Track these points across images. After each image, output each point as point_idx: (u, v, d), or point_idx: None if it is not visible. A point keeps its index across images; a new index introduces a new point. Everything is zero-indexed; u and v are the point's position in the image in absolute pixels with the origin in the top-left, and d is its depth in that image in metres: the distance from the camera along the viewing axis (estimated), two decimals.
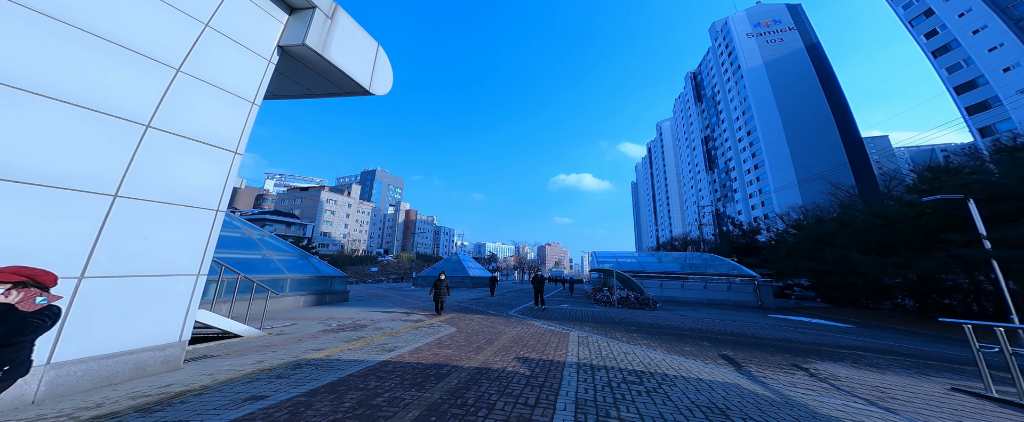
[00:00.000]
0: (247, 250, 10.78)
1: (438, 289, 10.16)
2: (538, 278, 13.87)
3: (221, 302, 8.62)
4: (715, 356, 6.50)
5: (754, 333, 9.61)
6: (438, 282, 10.25)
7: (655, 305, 15.69)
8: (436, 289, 10.17)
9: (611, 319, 11.30)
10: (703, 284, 21.91)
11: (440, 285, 10.21)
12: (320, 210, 70.16)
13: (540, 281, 13.74)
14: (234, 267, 9.59)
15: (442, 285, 10.24)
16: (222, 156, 4.98)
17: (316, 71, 6.58)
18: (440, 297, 10.17)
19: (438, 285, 10.20)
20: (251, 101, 5.47)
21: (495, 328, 8.59)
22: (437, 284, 10.20)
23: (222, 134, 5.02)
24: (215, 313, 5.84)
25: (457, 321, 9.46)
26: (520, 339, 7.33)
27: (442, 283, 10.27)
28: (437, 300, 10.19)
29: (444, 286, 10.26)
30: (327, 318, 9.07)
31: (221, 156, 4.97)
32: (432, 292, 10.24)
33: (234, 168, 5.13)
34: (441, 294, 10.16)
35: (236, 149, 5.18)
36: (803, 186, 52.16)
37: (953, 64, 31.03)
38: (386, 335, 7.07)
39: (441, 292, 10.16)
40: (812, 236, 17.25)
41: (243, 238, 11.06)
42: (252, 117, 5.50)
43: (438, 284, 10.21)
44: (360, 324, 8.32)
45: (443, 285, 10.26)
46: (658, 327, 9.92)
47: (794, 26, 63.19)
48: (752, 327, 10.92)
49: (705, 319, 12.63)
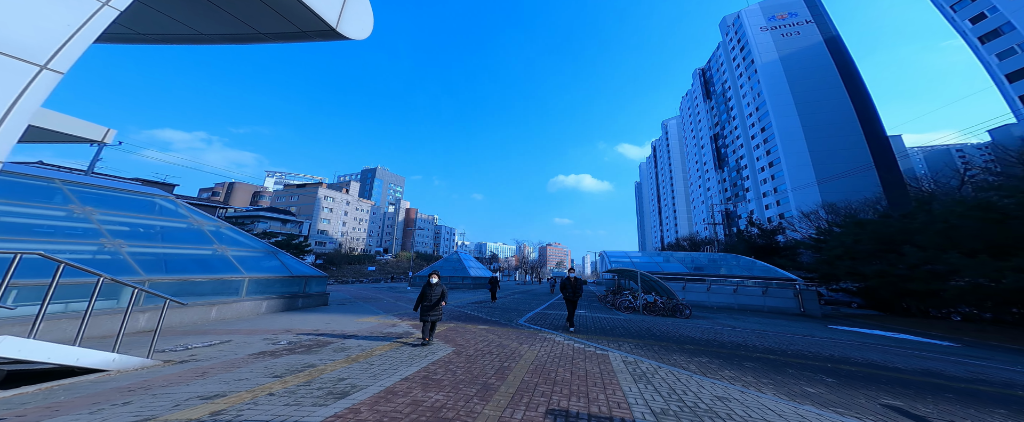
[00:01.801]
0: (193, 244, 8.57)
1: (427, 298, 6.16)
2: (573, 283, 8.76)
3: (140, 311, 6.38)
4: (873, 406, 4.16)
5: (867, 358, 7.22)
6: (428, 287, 6.29)
7: (688, 312, 13.36)
8: (424, 299, 6.18)
9: (648, 331, 8.99)
10: (734, 288, 19.52)
11: (430, 291, 6.24)
12: (317, 207, 68.15)
13: (576, 288, 8.71)
14: (174, 265, 7.36)
15: (434, 291, 6.26)
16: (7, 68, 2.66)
17: None
18: (431, 312, 6.13)
19: (428, 292, 6.24)
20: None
21: (505, 347, 6.30)
22: (426, 290, 6.28)
23: (16, 34, 2.71)
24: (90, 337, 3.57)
25: (454, 336, 7.18)
26: (544, 367, 5.05)
27: (434, 288, 6.28)
28: (424, 316, 6.15)
29: (437, 293, 6.26)
30: (282, 331, 6.79)
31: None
32: (417, 305, 6.21)
33: (36, 91, 2.78)
34: (432, 308, 6.14)
35: (45, 62, 2.84)
36: (823, 185, 49.56)
37: (1005, 49, 28.49)
38: (349, 361, 4.80)
39: (433, 303, 6.14)
40: (879, 235, 14.74)
41: (189, 229, 8.84)
42: (99, 22, 3.16)
43: (428, 290, 6.26)
44: (321, 341, 6.04)
45: (436, 291, 6.26)
46: (717, 345, 7.59)
47: (812, 19, 60.60)
48: (838, 345, 8.57)
49: (766, 333, 10.27)
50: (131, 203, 8.39)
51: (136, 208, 8.37)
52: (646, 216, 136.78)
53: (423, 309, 6.16)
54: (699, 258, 26.40)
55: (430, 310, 6.15)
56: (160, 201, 8.98)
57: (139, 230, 7.90)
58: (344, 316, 9.34)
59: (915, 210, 14.09)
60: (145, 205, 8.59)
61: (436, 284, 6.37)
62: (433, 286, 6.33)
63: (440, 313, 6.28)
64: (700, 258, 26.35)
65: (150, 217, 8.50)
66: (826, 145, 52.05)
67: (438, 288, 6.34)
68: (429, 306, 6.14)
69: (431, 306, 6.14)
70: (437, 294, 6.25)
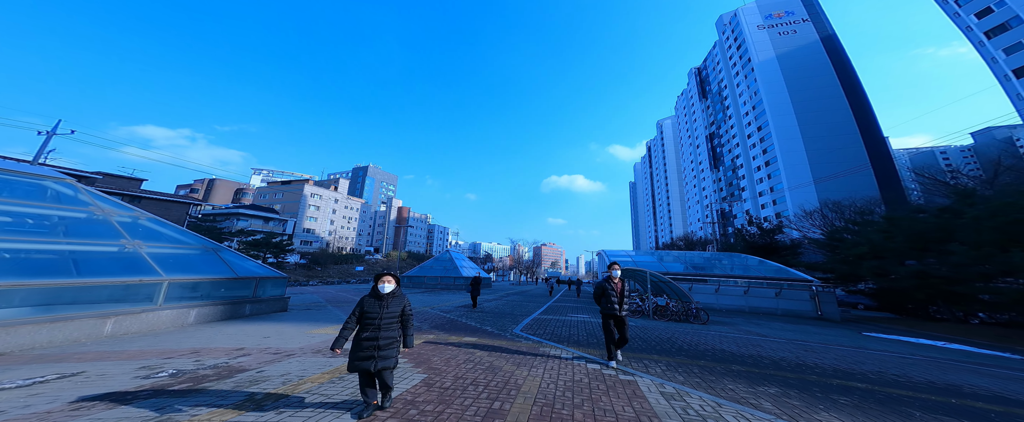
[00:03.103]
0: (94, 239, 6.69)
1: (370, 321, 3.02)
2: (612, 288, 5.23)
3: None
4: None
5: (971, 385, 5.67)
6: (371, 301, 3.11)
7: (705, 317, 11.82)
8: (363, 324, 3.06)
9: (672, 343, 7.37)
10: (744, 289, 18.11)
11: (378, 309, 3.06)
12: (303, 205, 65.46)
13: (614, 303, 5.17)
14: (53, 265, 5.49)
15: (385, 309, 3.07)
16: None
17: None
18: (375, 354, 2.94)
19: (370, 311, 3.06)
20: None
21: (497, 371, 4.60)
22: (368, 307, 3.08)
23: None
24: None
25: (430, 354, 5.44)
26: (554, 409, 3.38)
27: (386, 303, 3.10)
28: (359, 362, 2.92)
29: (393, 312, 3.11)
30: (186, 352, 4.97)
31: None
32: (346, 335, 3.05)
33: None
34: (377, 346, 2.96)
35: None
36: (819, 185, 48.97)
37: (1012, 44, 27.78)
38: (237, 412, 3.03)
39: (378, 334, 2.99)
40: (914, 232, 13.32)
41: (90, 220, 6.94)
42: None
43: (371, 307, 3.07)
44: (228, 370, 4.23)
45: (388, 309, 3.09)
46: (770, 364, 5.99)
47: (808, 17, 60.23)
48: (908, 363, 7.08)
49: (810, 345, 8.72)
50: (8, 186, 6.46)
51: (16, 193, 6.44)
52: (641, 216, 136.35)
53: (358, 347, 2.92)
54: (698, 257, 25.14)
55: (374, 350, 2.89)
56: (54, 185, 7.04)
57: (11, 221, 5.99)
58: (297, 326, 7.52)
59: (955, 205, 12.74)
60: (30, 190, 6.67)
61: (390, 295, 3.12)
62: (384, 299, 3.08)
63: (394, 356, 3.01)
64: (699, 257, 25.08)
65: (36, 205, 6.58)
66: (822, 144, 51.50)
67: (396, 303, 3.13)
68: (371, 342, 2.91)
69: (374, 343, 2.91)
70: (392, 315, 3.06)
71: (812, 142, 52.37)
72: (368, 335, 3.02)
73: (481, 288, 15.38)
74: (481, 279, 13.69)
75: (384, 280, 3.23)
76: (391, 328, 3.10)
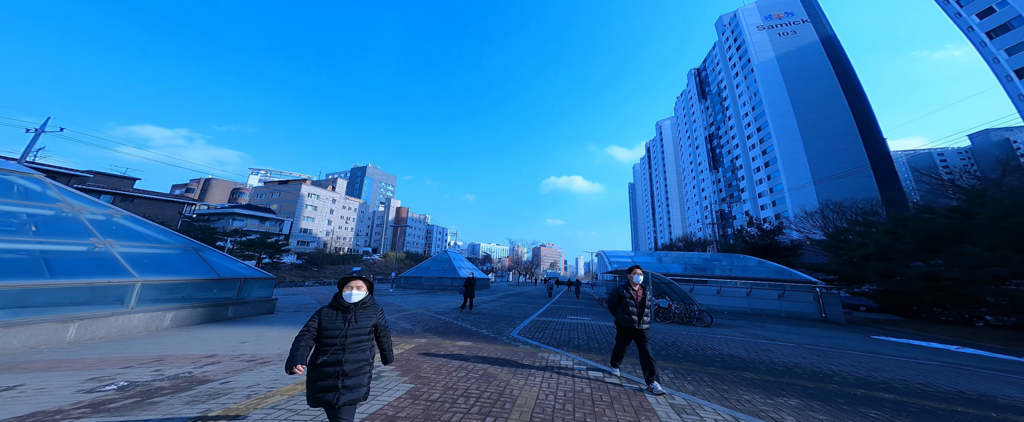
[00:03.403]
0: (61, 238, 6.25)
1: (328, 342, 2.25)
2: (631, 296, 4.38)
3: None
4: None
5: (1005, 395, 5.32)
6: (334, 311, 2.35)
7: (709, 320, 11.44)
8: (320, 347, 2.26)
9: (677, 348, 6.98)
10: (747, 290, 17.75)
11: (341, 320, 2.30)
12: (300, 205, 64.90)
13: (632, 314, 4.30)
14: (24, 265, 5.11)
15: (352, 327, 2.30)
16: None
17: None
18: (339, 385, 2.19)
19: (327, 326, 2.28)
20: None
21: (491, 381, 4.20)
22: (325, 319, 2.30)
23: None
24: None
25: (420, 361, 5.04)
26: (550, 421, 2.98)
27: (353, 314, 2.34)
28: (319, 395, 2.20)
29: (362, 329, 2.33)
30: (149, 360, 4.56)
31: None
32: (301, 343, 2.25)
33: None
34: (341, 372, 2.20)
35: None
36: (819, 186, 48.75)
37: (1015, 44, 27.59)
38: None
39: (338, 358, 2.23)
40: (924, 233, 12.95)
41: (58, 218, 6.50)
42: None
43: (331, 319, 2.30)
44: (189, 380, 3.82)
45: (358, 325, 2.32)
46: (783, 371, 5.61)
47: (808, 18, 60.14)
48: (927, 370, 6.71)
49: (820, 349, 8.35)
50: None
51: None
52: (640, 217, 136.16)
53: (317, 374, 2.22)
54: (697, 258, 24.85)
55: (338, 378, 2.20)
56: (20, 180, 6.59)
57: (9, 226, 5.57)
58: (281, 329, 7.10)
59: (965, 205, 12.39)
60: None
61: (360, 306, 2.39)
62: (351, 311, 2.35)
63: (366, 385, 2.32)
64: (698, 258, 24.79)
65: (28, 203, 6.15)
66: (822, 145, 51.32)
67: (367, 316, 2.38)
68: (334, 368, 2.20)
69: (338, 368, 2.20)
70: (361, 332, 2.32)
71: (812, 143, 52.19)
72: (329, 359, 2.22)
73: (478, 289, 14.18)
74: (475, 280, 12.52)
75: (352, 286, 2.41)
76: (360, 349, 2.31)
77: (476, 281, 12.16)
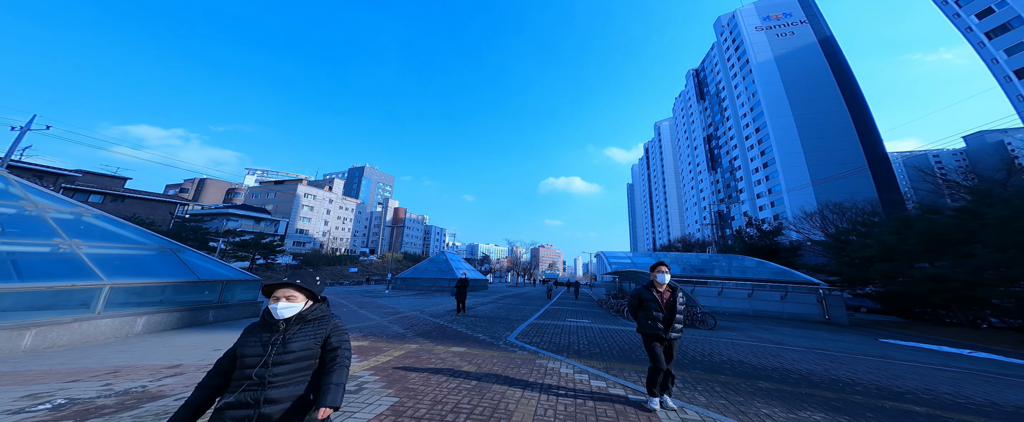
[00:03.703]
0: (21, 239, 5.81)
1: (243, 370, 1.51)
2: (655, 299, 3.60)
3: None
4: None
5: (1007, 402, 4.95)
6: (264, 331, 1.62)
7: (713, 323, 11.10)
8: (212, 379, 1.55)
9: (682, 352, 6.61)
10: (748, 292, 17.44)
11: (260, 345, 1.56)
12: (296, 205, 64.24)
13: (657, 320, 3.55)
14: None
15: (272, 344, 1.56)
16: None
17: None
18: None
19: (240, 350, 1.57)
20: None
21: (485, 393, 3.80)
22: (242, 340, 1.60)
23: None
24: None
25: (407, 370, 4.65)
26: None
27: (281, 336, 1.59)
28: None
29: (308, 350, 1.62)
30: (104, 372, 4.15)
31: None
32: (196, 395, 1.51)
33: None
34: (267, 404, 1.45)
35: None
36: (818, 187, 48.65)
37: (1014, 45, 27.52)
38: None
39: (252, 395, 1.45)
40: (930, 234, 12.64)
41: (20, 216, 6.06)
42: None
43: (258, 339, 1.58)
44: (137, 397, 3.41)
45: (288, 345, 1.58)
46: (799, 380, 5.26)
47: (806, 19, 60.20)
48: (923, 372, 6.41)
49: (831, 353, 8.01)
50: None
51: None
52: (638, 218, 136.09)
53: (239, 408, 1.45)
54: (696, 259, 24.57)
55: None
56: None
57: None
58: None
59: (972, 206, 12.11)
60: None
61: (296, 323, 1.65)
62: (278, 331, 1.62)
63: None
64: (697, 259, 24.51)
65: None
66: (820, 146, 51.26)
67: (307, 335, 1.64)
68: (245, 411, 1.44)
69: (251, 411, 1.44)
70: (293, 357, 1.57)
71: (810, 144, 52.13)
72: (237, 399, 1.45)
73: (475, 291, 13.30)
74: (468, 281, 11.51)
75: (280, 296, 1.64)
76: (290, 381, 1.54)
77: (471, 282, 11.70)
